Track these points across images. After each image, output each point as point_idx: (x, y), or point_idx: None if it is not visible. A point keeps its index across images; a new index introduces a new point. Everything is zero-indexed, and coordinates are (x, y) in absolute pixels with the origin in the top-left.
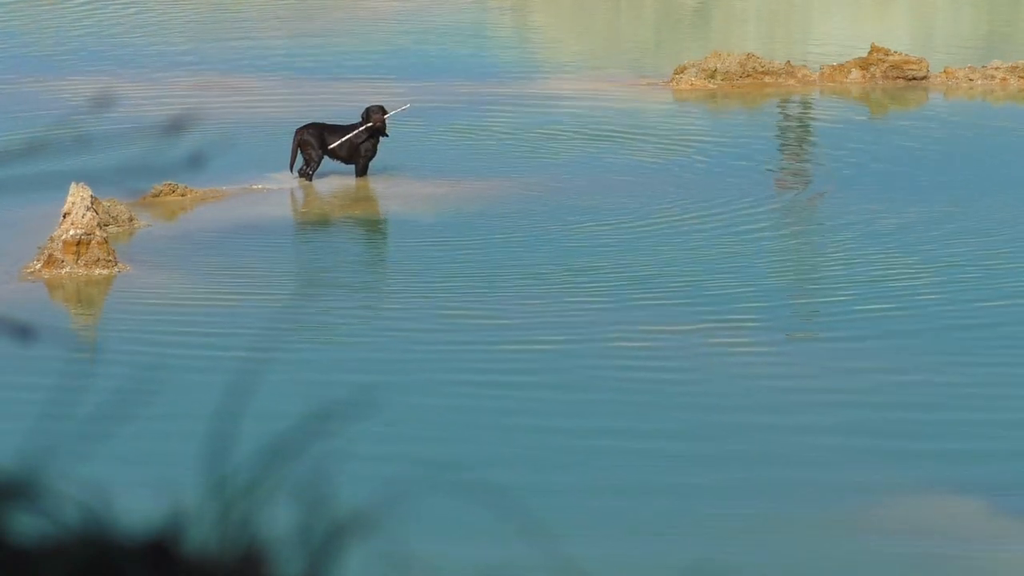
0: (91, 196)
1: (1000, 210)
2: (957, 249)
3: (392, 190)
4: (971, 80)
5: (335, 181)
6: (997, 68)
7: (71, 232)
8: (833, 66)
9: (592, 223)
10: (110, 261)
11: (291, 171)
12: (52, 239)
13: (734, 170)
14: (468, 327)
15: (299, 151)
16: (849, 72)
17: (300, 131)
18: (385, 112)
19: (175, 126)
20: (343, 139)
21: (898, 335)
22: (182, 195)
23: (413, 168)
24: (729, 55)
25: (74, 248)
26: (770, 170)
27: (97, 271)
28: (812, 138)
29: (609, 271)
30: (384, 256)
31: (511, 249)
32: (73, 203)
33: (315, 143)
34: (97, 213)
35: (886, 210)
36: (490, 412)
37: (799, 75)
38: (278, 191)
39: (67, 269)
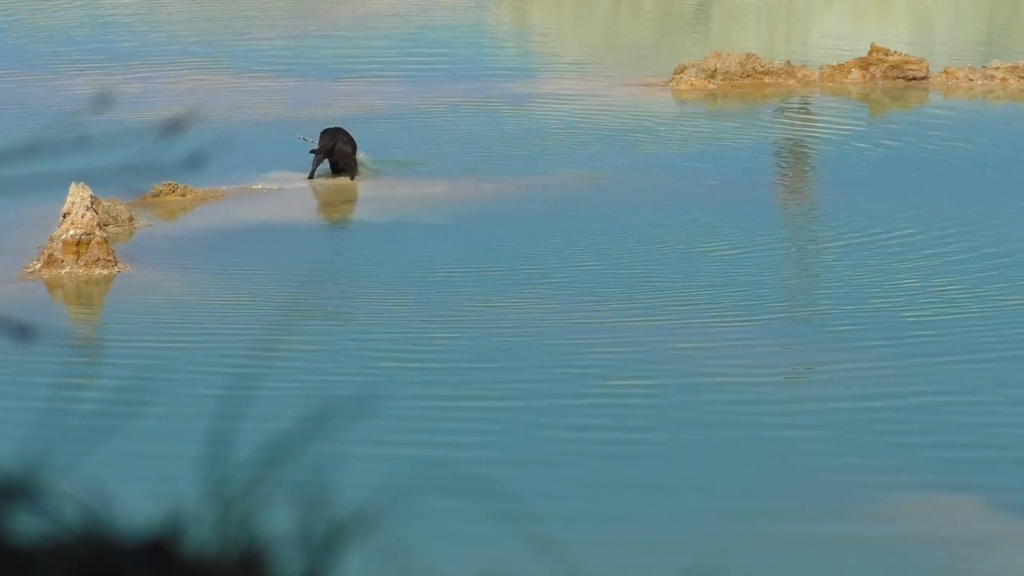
0: (91, 196)
1: (1001, 210)
2: (958, 250)
3: (391, 191)
4: (971, 80)
5: (335, 181)
6: (997, 68)
7: (71, 232)
8: (833, 66)
9: (591, 224)
10: (110, 261)
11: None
12: (52, 239)
13: (734, 170)
14: (467, 329)
15: (334, 158)
16: (849, 72)
17: (335, 136)
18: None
19: (175, 126)
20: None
21: (900, 337)
22: (182, 195)
23: (413, 169)
24: (729, 55)
25: (74, 248)
26: (770, 170)
27: (97, 271)
28: (812, 138)
29: (608, 273)
30: (384, 257)
31: (510, 250)
32: (73, 203)
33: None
34: (97, 213)
35: (886, 210)
36: (489, 416)
37: (799, 75)
38: (278, 191)
39: (67, 269)
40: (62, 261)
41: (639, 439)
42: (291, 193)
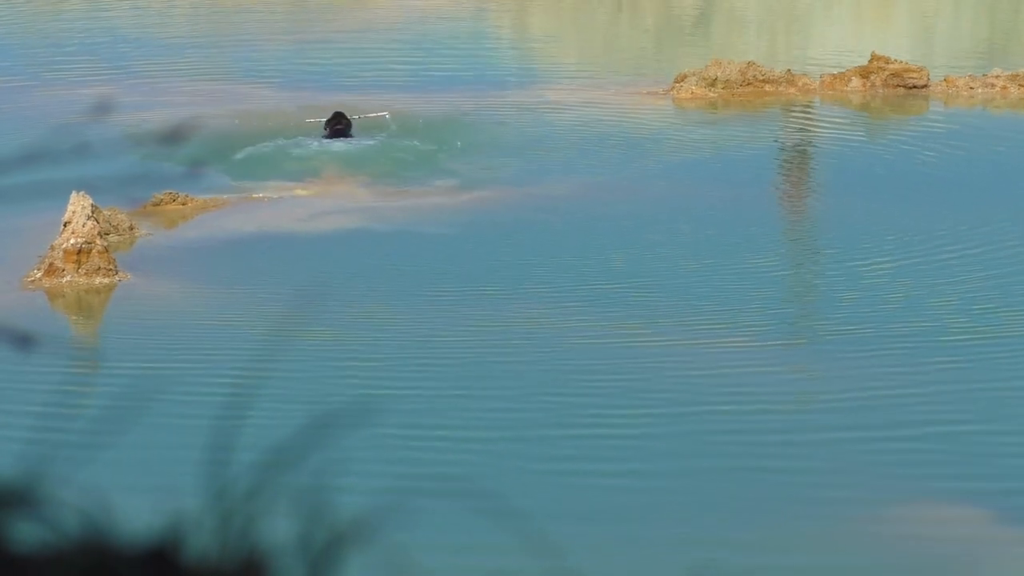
0: (92, 205)
1: (1001, 218)
2: (958, 257)
3: (392, 199)
4: (971, 88)
5: (335, 189)
6: (997, 77)
7: (72, 241)
8: (833, 74)
9: (592, 233)
10: (110, 270)
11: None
12: (53, 248)
13: (734, 179)
14: (466, 334)
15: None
16: (849, 80)
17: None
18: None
19: (176, 135)
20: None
21: (900, 344)
22: (183, 204)
23: (414, 177)
24: (729, 63)
25: (75, 257)
26: (770, 179)
27: (97, 280)
28: (812, 147)
29: (609, 281)
30: (384, 265)
31: (510, 258)
32: (74, 212)
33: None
34: (98, 222)
35: (886, 218)
36: (489, 428)
37: (799, 83)
38: (278, 200)
39: (68, 278)
40: (63, 270)
41: (639, 467)
42: (291, 202)
